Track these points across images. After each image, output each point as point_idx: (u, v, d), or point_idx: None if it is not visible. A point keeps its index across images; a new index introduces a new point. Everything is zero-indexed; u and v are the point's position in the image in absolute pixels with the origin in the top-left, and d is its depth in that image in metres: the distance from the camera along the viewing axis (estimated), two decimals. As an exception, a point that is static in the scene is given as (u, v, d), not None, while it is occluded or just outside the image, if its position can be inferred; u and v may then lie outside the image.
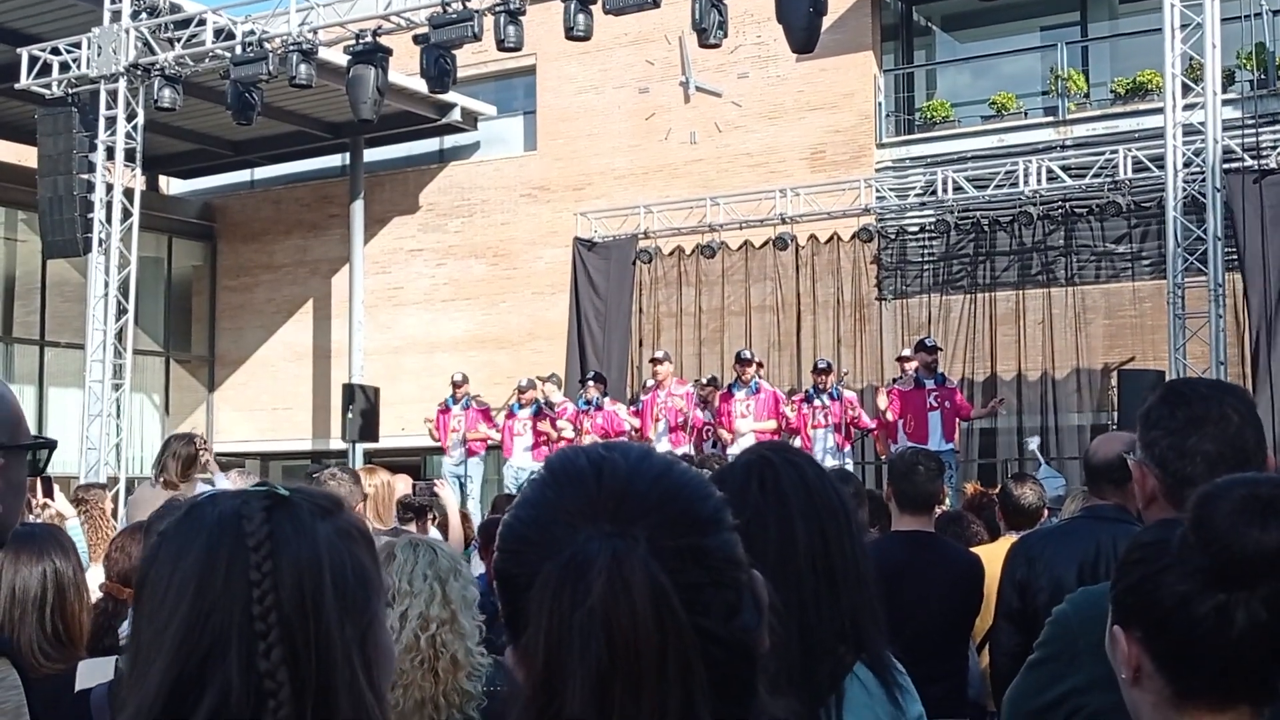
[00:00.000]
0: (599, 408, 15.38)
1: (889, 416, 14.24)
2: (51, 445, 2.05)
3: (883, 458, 14.76)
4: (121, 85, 17.03)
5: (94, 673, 2.75)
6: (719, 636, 1.15)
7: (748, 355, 15.24)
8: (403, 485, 7.25)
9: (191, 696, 1.21)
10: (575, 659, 1.08)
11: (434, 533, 7.27)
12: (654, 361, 15.79)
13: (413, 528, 7.02)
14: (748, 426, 14.25)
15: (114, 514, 8.69)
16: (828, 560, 2.21)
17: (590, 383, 15.95)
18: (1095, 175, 16.75)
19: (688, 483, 1.22)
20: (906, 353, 15.32)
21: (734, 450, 13.76)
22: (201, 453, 6.86)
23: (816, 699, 2.15)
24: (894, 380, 15.21)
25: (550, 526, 1.17)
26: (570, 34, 14.56)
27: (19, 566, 2.95)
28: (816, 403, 14.58)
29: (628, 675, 1.08)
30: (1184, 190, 14.28)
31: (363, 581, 1.31)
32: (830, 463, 12.87)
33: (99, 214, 17.03)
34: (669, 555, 1.13)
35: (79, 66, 17.17)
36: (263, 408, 23.50)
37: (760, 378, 15.12)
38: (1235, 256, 14.87)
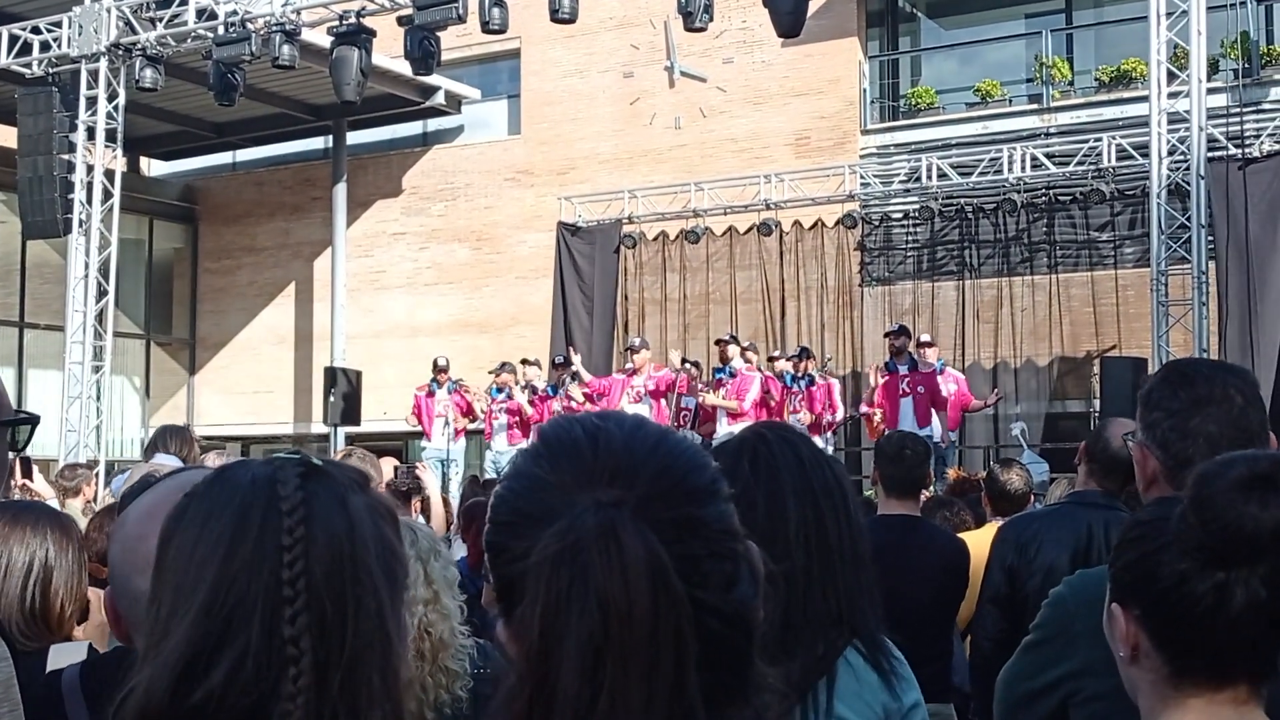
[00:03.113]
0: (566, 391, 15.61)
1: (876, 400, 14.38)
2: (34, 421, 2.01)
3: (873, 441, 14.80)
4: (102, 65, 16.92)
5: (65, 657, 2.72)
6: (716, 608, 1.13)
7: (725, 337, 15.31)
8: (386, 468, 7.24)
9: (210, 660, 1.18)
10: (569, 631, 1.07)
11: (418, 518, 7.25)
12: (631, 350, 15.71)
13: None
14: (723, 428, 14.18)
15: (95, 497, 8.62)
16: (822, 538, 2.18)
17: (564, 364, 16.11)
18: (1079, 163, 16.77)
19: (684, 453, 1.20)
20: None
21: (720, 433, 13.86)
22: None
23: (804, 681, 2.12)
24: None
25: (545, 497, 1.15)
26: (555, 16, 14.53)
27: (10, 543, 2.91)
28: (794, 389, 14.64)
29: (620, 647, 1.06)
30: (1168, 178, 14.31)
31: (394, 557, 1.29)
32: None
33: (79, 195, 16.95)
34: (665, 526, 1.12)
35: (59, 46, 17.07)
36: (244, 391, 23.42)
37: (747, 361, 15.12)
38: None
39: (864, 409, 14.98)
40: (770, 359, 15.69)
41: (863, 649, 2.20)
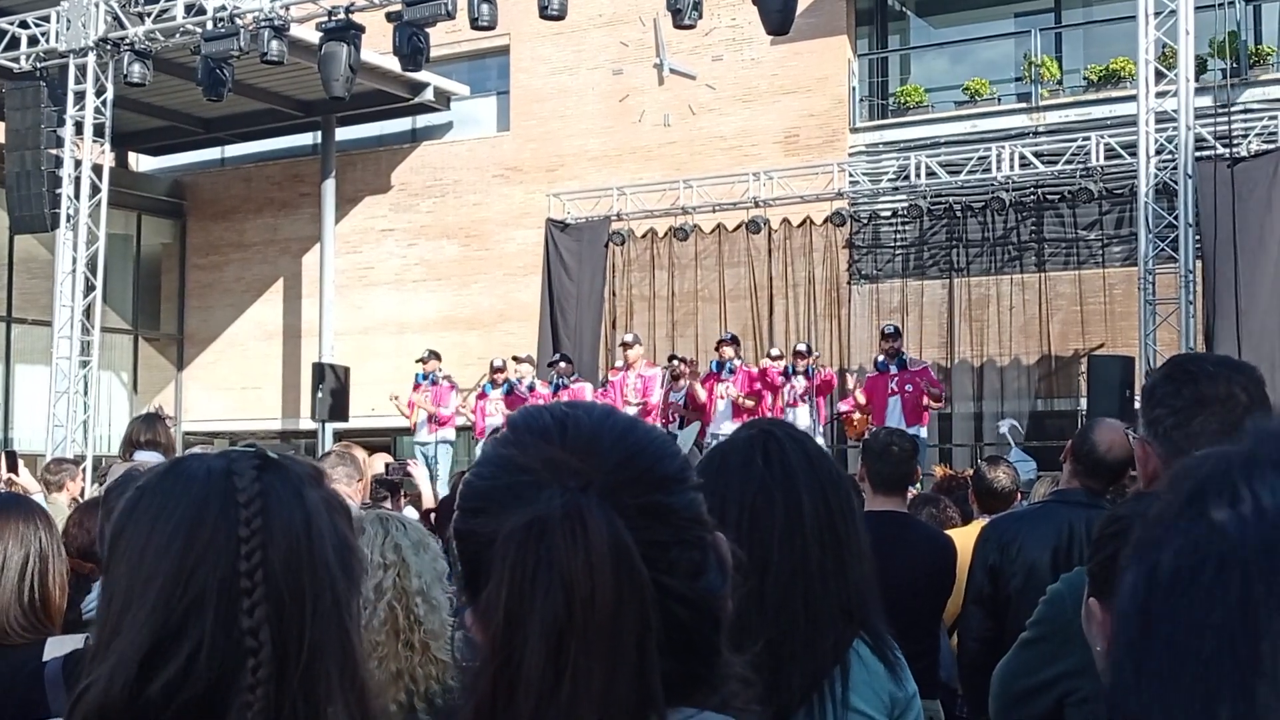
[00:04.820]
0: (564, 387, 15.50)
1: (860, 399, 14.50)
2: None
3: (851, 439, 14.88)
4: (91, 60, 16.86)
5: (61, 649, 2.72)
6: (683, 596, 1.14)
7: (727, 336, 15.43)
8: (377, 465, 7.24)
9: (168, 652, 1.18)
10: (533, 612, 1.08)
11: (408, 510, 7.25)
12: (624, 345, 15.81)
13: (387, 505, 6.99)
14: (728, 423, 14.19)
15: (83, 493, 8.59)
16: (834, 533, 2.22)
17: (559, 363, 16.03)
18: (1067, 162, 16.80)
19: (652, 441, 1.22)
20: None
21: (717, 430, 13.92)
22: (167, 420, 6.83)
23: (820, 671, 2.17)
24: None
25: (513, 483, 1.16)
26: (544, 13, 14.52)
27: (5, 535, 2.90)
28: (792, 382, 14.70)
29: (583, 629, 1.07)
30: (1155, 177, 14.35)
31: (350, 552, 1.30)
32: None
33: (67, 190, 16.89)
34: (632, 512, 1.13)
35: (48, 40, 17.00)
36: (232, 387, 23.37)
37: (738, 358, 15.22)
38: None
39: (842, 408, 15.06)
40: (780, 358, 15.65)
41: (869, 640, 2.25)
